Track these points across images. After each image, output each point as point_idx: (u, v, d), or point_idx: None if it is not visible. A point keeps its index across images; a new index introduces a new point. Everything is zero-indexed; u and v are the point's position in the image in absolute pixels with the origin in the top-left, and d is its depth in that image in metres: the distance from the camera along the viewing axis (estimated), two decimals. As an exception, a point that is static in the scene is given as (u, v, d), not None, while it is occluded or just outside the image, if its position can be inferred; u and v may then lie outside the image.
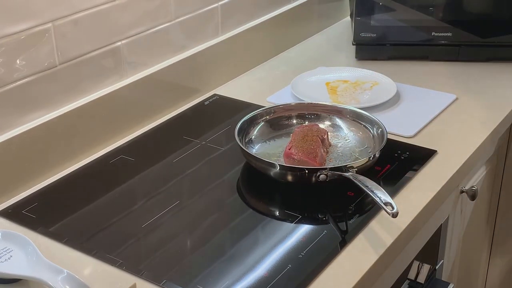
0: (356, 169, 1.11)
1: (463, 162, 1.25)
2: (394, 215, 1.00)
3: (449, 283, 1.33)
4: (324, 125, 1.31)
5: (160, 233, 1.07)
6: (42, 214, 1.11)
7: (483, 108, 1.45)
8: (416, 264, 1.25)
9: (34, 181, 1.19)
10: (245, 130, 1.26)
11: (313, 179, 1.12)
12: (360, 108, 1.32)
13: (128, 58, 1.34)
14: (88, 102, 1.27)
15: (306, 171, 1.13)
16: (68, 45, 1.21)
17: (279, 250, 1.02)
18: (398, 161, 1.24)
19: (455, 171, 1.22)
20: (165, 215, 1.11)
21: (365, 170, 1.13)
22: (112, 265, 0.99)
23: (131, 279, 0.96)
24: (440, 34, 1.66)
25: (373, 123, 1.27)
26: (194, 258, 1.02)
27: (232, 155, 1.27)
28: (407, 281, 1.25)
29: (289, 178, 1.15)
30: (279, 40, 1.76)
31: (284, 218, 1.11)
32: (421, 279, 1.28)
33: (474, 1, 1.69)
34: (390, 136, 1.25)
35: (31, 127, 1.17)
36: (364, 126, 1.28)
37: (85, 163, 1.27)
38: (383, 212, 1.04)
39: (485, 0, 1.68)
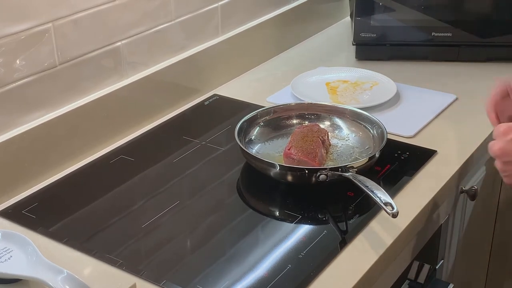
0: (356, 169, 1.11)
1: (463, 162, 1.25)
2: (394, 215, 1.00)
3: (449, 283, 1.33)
4: (324, 125, 1.31)
5: (160, 233, 1.07)
6: (42, 214, 1.11)
7: (483, 108, 1.43)
8: (416, 264, 1.25)
9: (34, 181, 1.19)
10: (245, 130, 1.26)
11: (313, 179, 1.12)
12: (360, 108, 1.32)
13: (128, 58, 1.34)
14: (88, 102, 1.27)
15: (306, 171, 1.13)
16: (68, 45, 1.21)
17: (279, 250, 1.02)
18: (398, 161, 1.24)
19: (455, 171, 1.22)
20: (165, 215, 1.11)
21: (365, 170, 1.13)
22: (112, 265, 0.99)
23: (131, 279, 0.96)
24: (440, 34, 1.66)
25: (373, 123, 1.27)
26: (194, 258, 1.02)
27: (232, 155, 1.27)
28: (407, 281, 1.24)
29: (289, 178, 1.15)
30: (279, 40, 1.76)
31: (284, 218, 1.11)
32: (421, 279, 1.28)
33: (474, 1, 1.69)
34: (390, 136, 1.25)
35: (31, 127, 1.17)
36: (364, 126, 1.28)
37: (85, 163, 1.27)
38: (383, 212, 1.04)
39: (485, 0, 1.68)
